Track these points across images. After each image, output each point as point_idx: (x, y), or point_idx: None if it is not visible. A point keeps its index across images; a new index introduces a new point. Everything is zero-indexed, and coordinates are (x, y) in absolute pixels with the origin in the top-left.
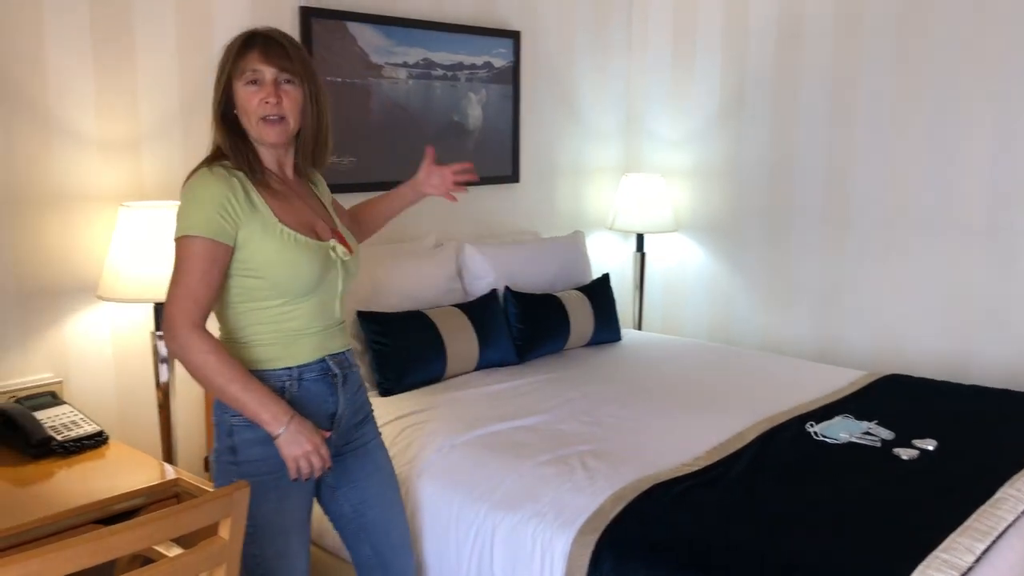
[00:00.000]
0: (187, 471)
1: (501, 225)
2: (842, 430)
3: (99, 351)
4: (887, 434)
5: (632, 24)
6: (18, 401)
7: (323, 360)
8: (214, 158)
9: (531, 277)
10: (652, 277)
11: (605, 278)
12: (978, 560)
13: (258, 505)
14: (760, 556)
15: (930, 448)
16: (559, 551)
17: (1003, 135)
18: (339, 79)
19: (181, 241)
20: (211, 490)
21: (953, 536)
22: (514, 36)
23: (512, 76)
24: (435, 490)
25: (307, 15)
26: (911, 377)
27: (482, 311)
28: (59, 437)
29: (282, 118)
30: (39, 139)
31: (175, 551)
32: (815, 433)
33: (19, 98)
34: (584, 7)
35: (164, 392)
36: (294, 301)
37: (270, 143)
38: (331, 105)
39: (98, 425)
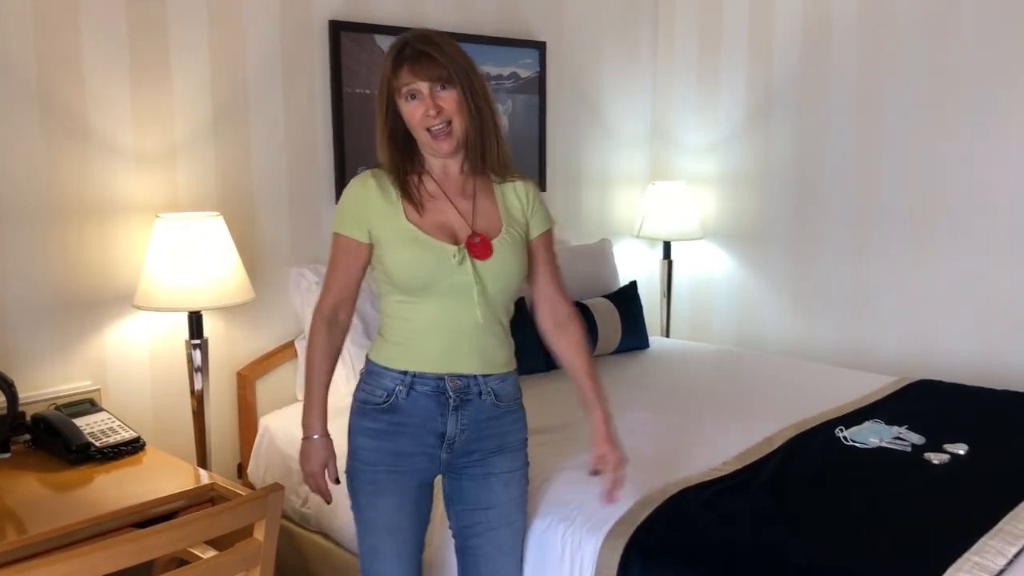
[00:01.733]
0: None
1: None
2: (872, 435)
3: (136, 359)
4: (918, 439)
5: (658, 33)
6: (58, 408)
7: (441, 378)
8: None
9: None
10: (679, 284)
11: (632, 286)
12: (1010, 563)
13: (356, 497)
14: (789, 561)
15: (961, 453)
16: (588, 555)
17: None
18: (367, 91)
19: (332, 237)
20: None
21: (984, 539)
22: (540, 46)
23: (538, 86)
24: None
25: (336, 28)
26: (942, 382)
27: (511, 321)
28: (97, 443)
29: (448, 123)
30: (78, 152)
31: (211, 554)
32: (845, 438)
33: (59, 113)
34: (609, 17)
35: (199, 400)
36: (412, 298)
37: (444, 154)
38: (492, 98)
39: (135, 432)
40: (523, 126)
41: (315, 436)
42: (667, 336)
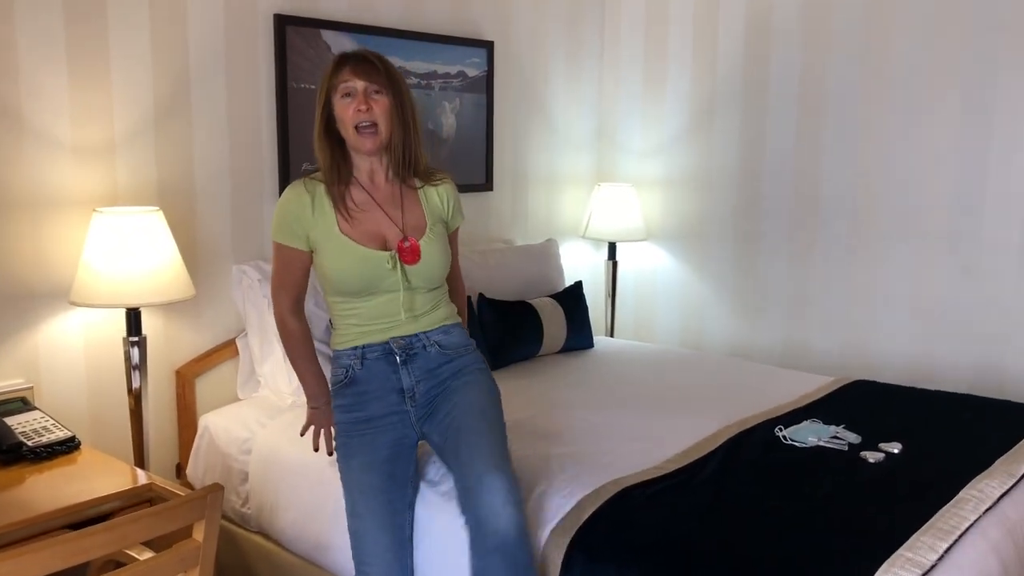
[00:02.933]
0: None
1: (475, 233)
2: (810, 434)
3: (71, 357)
4: (854, 438)
5: (604, 36)
6: None
7: (386, 343)
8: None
9: (504, 284)
10: (624, 285)
11: (578, 286)
12: (941, 558)
13: (340, 464)
14: (729, 557)
15: (896, 451)
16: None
17: (968, 142)
18: (312, 86)
19: (273, 244)
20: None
21: (917, 535)
22: (488, 46)
23: (486, 85)
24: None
25: (282, 22)
26: (877, 383)
27: None
28: (30, 443)
29: (374, 124)
30: (11, 143)
31: (148, 555)
32: (784, 437)
33: None
34: (557, 18)
35: (136, 398)
36: (351, 298)
37: (366, 151)
38: (419, 114)
39: (70, 431)
40: (471, 125)
41: (312, 406)
42: (612, 336)
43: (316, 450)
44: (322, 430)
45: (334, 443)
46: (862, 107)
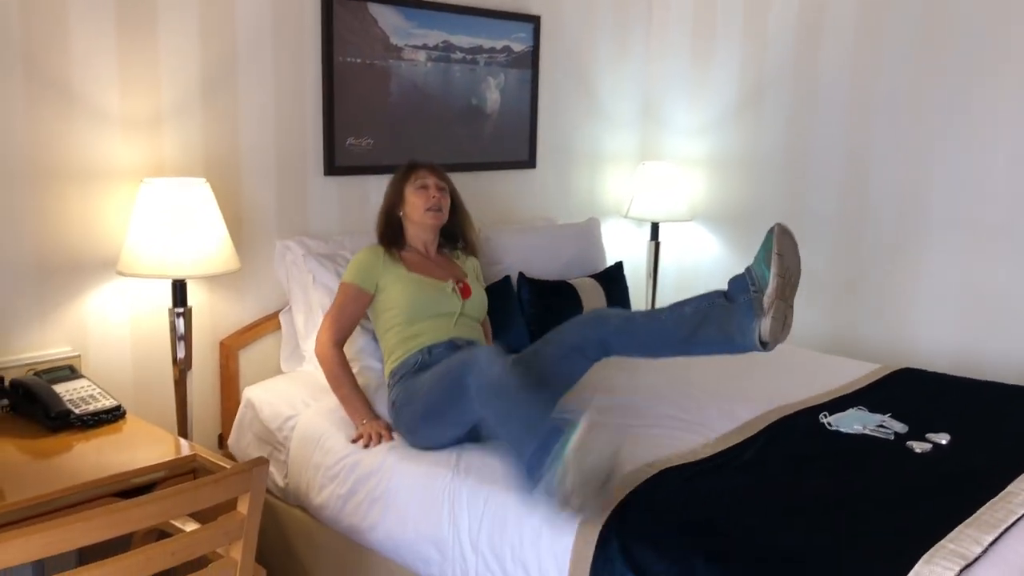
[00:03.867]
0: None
1: (517, 211)
2: (856, 422)
3: (117, 326)
4: (900, 427)
5: (652, 12)
6: (37, 374)
7: (449, 340)
8: (381, 237)
9: (545, 263)
10: (666, 266)
11: (619, 266)
12: (985, 551)
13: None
14: (766, 543)
15: (943, 442)
16: (566, 533)
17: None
18: (358, 60)
19: (341, 285)
20: (228, 466)
21: (961, 527)
22: (534, 21)
23: (531, 61)
24: (445, 471)
25: None
26: (925, 371)
27: (496, 297)
28: (77, 411)
29: (440, 210)
30: (62, 115)
31: (192, 526)
32: (828, 424)
33: (43, 75)
34: None
35: (181, 369)
36: (417, 323)
37: (431, 224)
38: (463, 202)
39: (115, 400)
40: (515, 101)
41: (365, 420)
42: None
43: (390, 437)
44: (378, 431)
45: (401, 421)
46: (915, 94)
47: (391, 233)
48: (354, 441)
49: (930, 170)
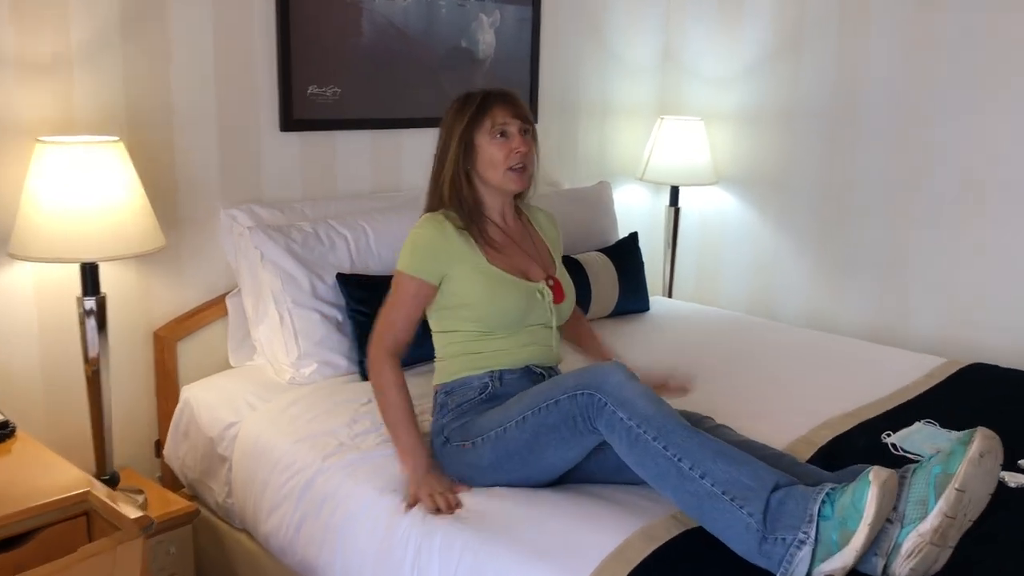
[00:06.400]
0: (130, 458)
1: None
2: (926, 440)
3: (20, 322)
4: None
5: None
6: None
7: (527, 367)
8: (438, 206)
9: None
10: (686, 237)
11: (633, 238)
12: None
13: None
14: None
15: None
16: None
17: None
18: None
19: (397, 274)
20: (120, 510)
21: None
22: None
23: None
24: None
25: None
26: (998, 368)
27: None
28: None
29: (526, 168)
30: None
31: None
32: (894, 446)
33: None
34: None
35: (94, 367)
36: (496, 333)
37: (514, 190)
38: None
39: (2, 414)
40: (512, 44)
41: (411, 466)
42: (669, 296)
43: (460, 504)
44: (445, 493)
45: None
46: (984, 43)
47: (460, 202)
48: (409, 508)
49: (1000, 131)
